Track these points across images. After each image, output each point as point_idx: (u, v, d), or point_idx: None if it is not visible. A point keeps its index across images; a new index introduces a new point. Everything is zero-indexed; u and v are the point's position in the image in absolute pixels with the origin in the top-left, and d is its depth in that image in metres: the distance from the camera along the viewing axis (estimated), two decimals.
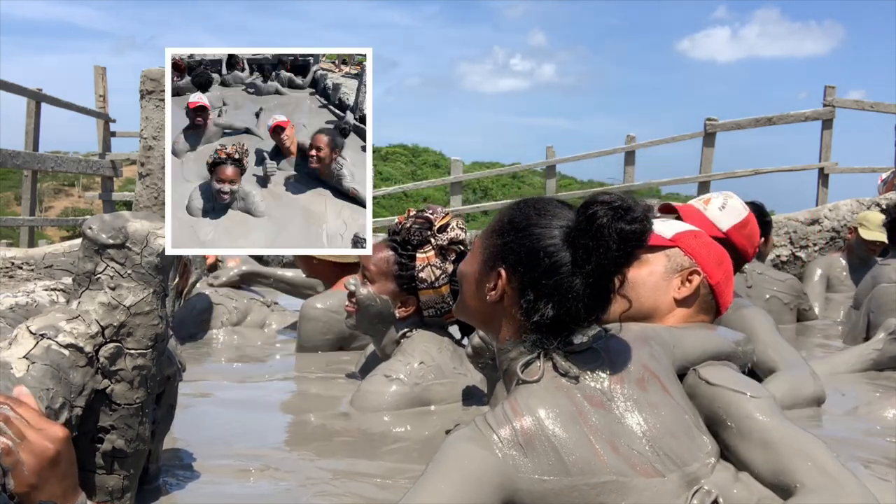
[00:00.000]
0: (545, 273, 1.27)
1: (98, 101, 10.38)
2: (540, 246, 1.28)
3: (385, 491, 1.55)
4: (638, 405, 1.26)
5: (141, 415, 1.32)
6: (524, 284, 1.29)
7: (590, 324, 1.31)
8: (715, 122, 9.87)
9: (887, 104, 9.69)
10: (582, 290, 1.25)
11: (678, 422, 1.27)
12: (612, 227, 1.22)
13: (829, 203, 6.31)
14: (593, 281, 1.26)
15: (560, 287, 1.26)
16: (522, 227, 1.31)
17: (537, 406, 1.22)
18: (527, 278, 1.28)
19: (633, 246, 1.24)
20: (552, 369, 1.27)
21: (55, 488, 1.03)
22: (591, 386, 1.26)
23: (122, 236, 1.27)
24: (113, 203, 9.95)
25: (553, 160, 10.73)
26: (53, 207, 19.20)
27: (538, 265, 1.27)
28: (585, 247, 1.23)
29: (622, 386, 1.27)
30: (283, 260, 5.53)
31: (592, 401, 1.25)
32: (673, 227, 1.72)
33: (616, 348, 1.32)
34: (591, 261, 1.24)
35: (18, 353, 1.17)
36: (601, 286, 1.27)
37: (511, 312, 1.30)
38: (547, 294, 1.27)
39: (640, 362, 1.32)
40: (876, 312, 3.07)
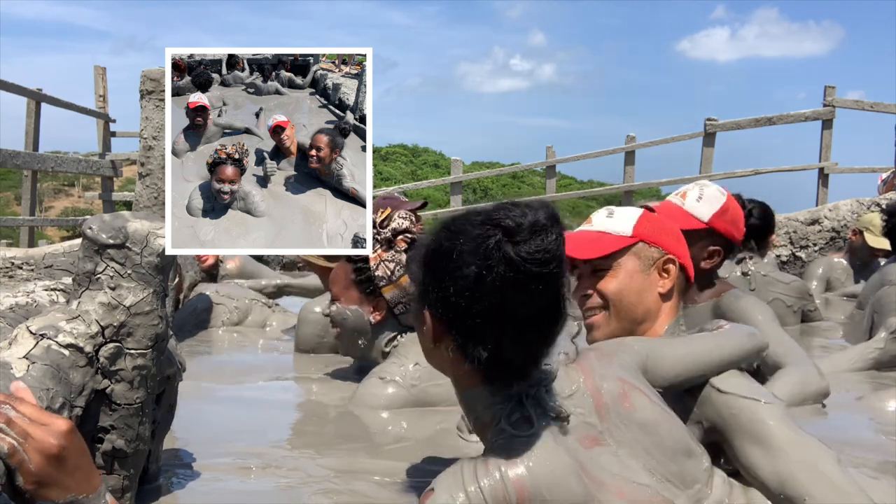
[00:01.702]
0: (460, 311, 1.12)
1: (98, 101, 10.39)
2: (450, 282, 1.12)
3: (385, 489, 1.55)
4: (630, 429, 1.20)
5: (141, 415, 1.32)
6: (449, 326, 1.16)
7: (543, 356, 1.18)
8: (715, 122, 9.87)
9: (887, 104, 9.69)
10: (509, 326, 1.11)
11: (672, 437, 1.23)
12: (498, 252, 1.08)
13: (829, 203, 6.32)
14: (516, 313, 1.11)
15: (481, 326, 1.12)
16: (433, 258, 1.17)
17: (535, 462, 1.10)
18: (447, 320, 1.15)
19: (532, 272, 1.08)
20: (542, 415, 1.15)
21: (68, 481, 1.03)
22: (580, 423, 1.17)
23: (122, 236, 1.27)
24: (113, 203, 9.95)
25: (553, 160, 10.73)
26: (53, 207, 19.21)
27: (451, 303, 1.13)
28: (482, 278, 1.09)
29: (609, 411, 1.20)
30: (283, 260, 5.53)
31: (586, 441, 1.16)
32: (624, 219, 1.66)
33: (589, 369, 1.24)
34: (494, 294, 1.09)
35: (18, 353, 1.17)
36: (531, 316, 1.13)
37: (453, 357, 1.18)
38: (471, 335, 1.13)
39: (616, 377, 1.24)
40: (881, 312, 3.06)
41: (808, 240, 5.85)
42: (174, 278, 1.49)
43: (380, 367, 2.18)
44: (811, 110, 9.84)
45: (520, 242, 1.08)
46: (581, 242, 1.61)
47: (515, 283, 1.08)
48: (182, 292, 3.13)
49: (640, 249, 1.62)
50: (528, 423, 1.14)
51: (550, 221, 1.11)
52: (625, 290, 1.59)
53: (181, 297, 3.10)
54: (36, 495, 1.01)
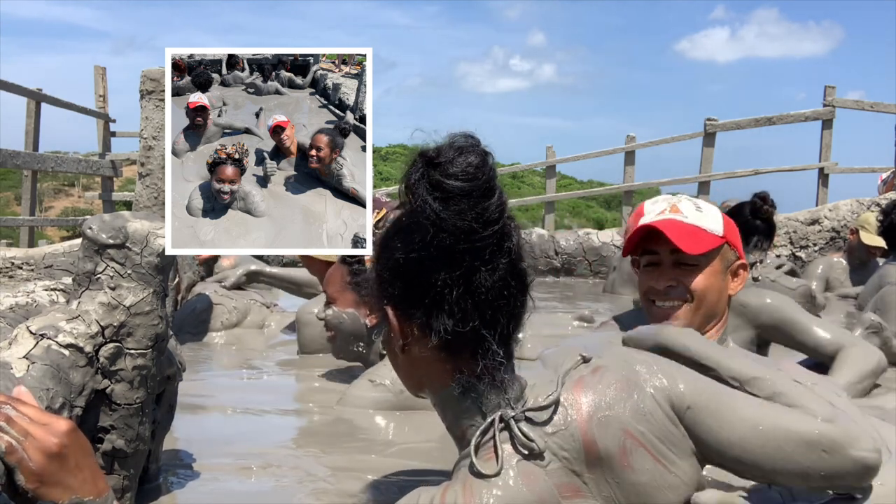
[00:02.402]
0: (414, 279, 1.05)
1: (98, 101, 10.38)
2: (398, 255, 1.07)
3: (383, 489, 1.55)
4: (621, 489, 1.04)
5: (141, 415, 1.32)
6: (410, 309, 1.07)
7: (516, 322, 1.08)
8: (715, 122, 9.86)
9: (887, 104, 9.69)
10: (463, 275, 1.02)
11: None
12: (426, 182, 1.02)
13: (829, 203, 6.32)
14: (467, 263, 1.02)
15: (438, 288, 1.03)
16: (382, 246, 1.11)
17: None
18: (406, 298, 1.07)
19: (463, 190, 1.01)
20: (511, 448, 1.02)
21: (70, 480, 1.02)
22: (561, 468, 1.02)
23: (122, 236, 1.27)
24: (113, 203, 9.95)
25: (553, 160, 10.72)
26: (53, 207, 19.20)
27: (404, 276, 1.06)
28: (420, 223, 1.02)
29: (601, 464, 1.04)
30: (283, 260, 5.53)
31: (566, 490, 1.02)
32: (713, 217, 1.68)
33: (589, 406, 1.05)
34: (436, 237, 1.01)
35: (18, 353, 1.17)
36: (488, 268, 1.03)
37: (422, 354, 1.08)
38: (431, 303, 1.04)
39: (621, 428, 1.04)
40: (883, 311, 3.07)
41: (808, 240, 5.85)
42: (173, 278, 1.49)
43: (371, 370, 2.18)
44: (811, 110, 9.83)
45: (442, 163, 1.02)
46: (682, 234, 1.61)
47: (450, 210, 1.00)
48: (181, 293, 3.13)
49: (725, 251, 1.66)
50: (495, 459, 1.01)
51: (471, 142, 1.05)
52: (710, 289, 1.63)
53: (179, 297, 3.10)
54: (37, 495, 1.01)
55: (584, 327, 3.49)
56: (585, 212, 21.84)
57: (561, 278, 6.03)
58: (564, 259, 6.05)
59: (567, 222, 18.31)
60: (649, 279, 1.67)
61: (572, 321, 3.58)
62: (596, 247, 5.97)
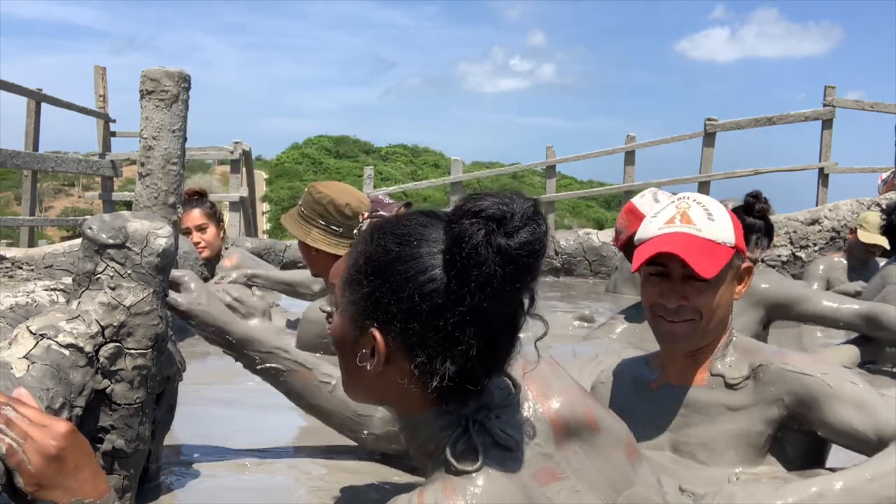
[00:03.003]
0: (428, 321, 0.98)
1: (98, 101, 10.37)
2: (412, 287, 0.98)
3: (381, 488, 1.56)
4: (589, 456, 1.09)
5: (141, 415, 1.32)
6: (408, 343, 1.00)
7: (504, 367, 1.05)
8: (715, 122, 9.87)
9: (887, 104, 9.69)
10: (486, 331, 0.98)
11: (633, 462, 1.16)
12: (489, 246, 0.95)
13: (829, 203, 6.32)
14: (494, 315, 0.98)
15: (454, 335, 0.98)
16: (384, 265, 1.01)
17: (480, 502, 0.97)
18: (408, 334, 0.99)
19: (525, 263, 0.96)
20: (490, 445, 1.02)
21: (70, 482, 1.02)
22: (536, 454, 1.04)
23: (122, 236, 1.27)
24: (113, 203, 9.95)
25: (553, 160, 10.73)
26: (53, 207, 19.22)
27: (416, 314, 0.98)
28: (464, 276, 0.95)
29: (569, 436, 1.08)
30: (283, 260, 5.54)
31: (543, 476, 1.04)
32: (723, 223, 1.57)
33: (543, 386, 1.11)
34: (476, 294, 0.96)
35: (18, 353, 1.17)
36: (507, 317, 1.01)
37: (402, 381, 1.02)
38: (440, 348, 0.98)
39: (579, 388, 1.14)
40: None
41: (808, 240, 5.85)
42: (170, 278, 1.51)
43: None
44: (811, 110, 9.84)
45: (513, 232, 0.95)
46: (698, 254, 1.50)
47: (507, 279, 0.95)
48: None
49: (734, 258, 1.57)
50: (474, 454, 1.00)
51: (536, 211, 0.99)
52: (720, 304, 1.54)
53: None
54: (37, 497, 1.01)
55: (584, 327, 3.49)
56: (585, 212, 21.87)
57: (561, 278, 6.03)
58: (564, 259, 6.05)
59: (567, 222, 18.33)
60: (657, 293, 1.57)
61: (573, 321, 3.58)
62: (596, 247, 5.97)
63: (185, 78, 1.56)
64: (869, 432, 1.38)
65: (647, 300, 1.60)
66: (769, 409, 1.50)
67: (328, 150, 42.76)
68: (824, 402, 1.42)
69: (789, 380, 1.47)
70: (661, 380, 1.64)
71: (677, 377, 1.61)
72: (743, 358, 1.57)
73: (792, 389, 1.47)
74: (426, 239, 1.00)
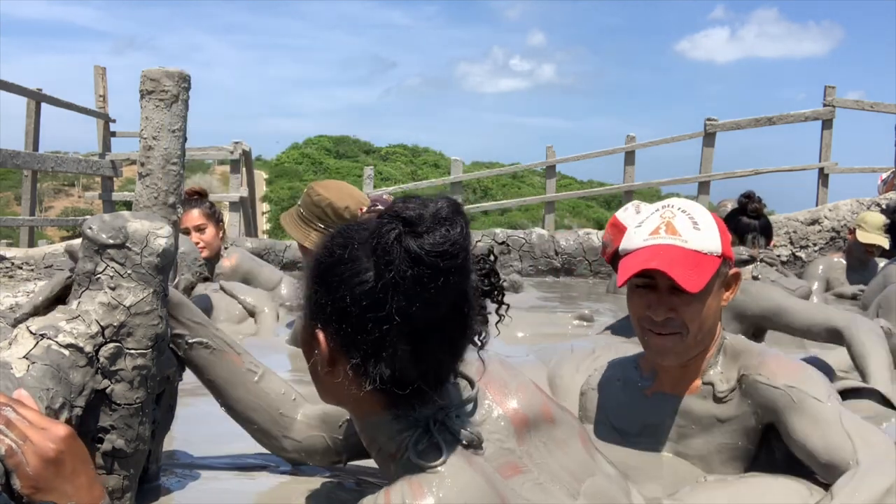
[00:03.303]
0: (358, 326, 1.00)
1: (98, 101, 10.38)
2: (344, 290, 1.00)
3: (381, 487, 1.55)
4: (549, 449, 1.12)
5: (141, 415, 1.32)
6: (345, 344, 1.03)
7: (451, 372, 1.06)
8: (715, 122, 9.87)
9: (887, 104, 9.70)
10: (413, 335, 0.99)
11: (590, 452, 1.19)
12: (400, 247, 0.96)
13: (829, 203, 6.32)
14: (419, 318, 0.98)
15: (380, 337, 0.99)
16: (326, 268, 1.04)
17: (447, 493, 0.97)
18: (343, 335, 1.02)
19: (435, 264, 0.95)
20: (452, 442, 1.03)
21: (67, 487, 1.02)
22: (498, 450, 1.07)
23: (122, 236, 1.27)
24: (113, 203, 9.95)
25: (553, 160, 10.73)
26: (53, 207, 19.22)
27: (348, 315, 1.00)
28: (380, 278, 0.97)
29: (529, 431, 1.11)
30: (283, 260, 5.54)
31: (506, 470, 1.06)
32: (709, 232, 1.55)
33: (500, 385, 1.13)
34: (391, 295, 0.97)
35: (18, 353, 1.17)
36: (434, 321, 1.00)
37: (344, 383, 1.05)
38: (371, 350, 1.00)
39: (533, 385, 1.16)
40: (885, 309, 3.07)
41: (808, 240, 5.85)
42: (174, 279, 1.49)
43: None
44: (811, 110, 9.85)
45: (422, 233, 0.96)
46: (684, 268, 1.48)
47: (418, 281, 0.96)
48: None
49: (721, 266, 1.54)
50: (438, 451, 1.01)
51: (454, 212, 0.99)
52: (706, 315, 1.52)
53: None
54: (33, 500, 1.00)
55: (583, 326, 3.50)
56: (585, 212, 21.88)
57: (561, 278, 6.03)
58: (564, 259, 6.05)
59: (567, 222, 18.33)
60: (644, 305, 1.54)
61: (572, 320, 3.59)
62: (596, 247, 5.97)
63: (185, 78, 1.56)
64: (821, 453, 1.35)
65: (635, 313, 1.58)
66: (749, 420, 1.50)
67: (328, 150, 42.76)
68: (787, 416, 1.42)
69: (760, 391, 1.47)
70: (656, 388, 1.63)
71: (672, 386, 1.60)
72: (732, 364, 1.56)
73: (762, 401, 1.47)
74: (365, 237, 1.01)
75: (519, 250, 6.10)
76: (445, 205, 0.99)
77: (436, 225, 0.97)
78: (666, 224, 1.54)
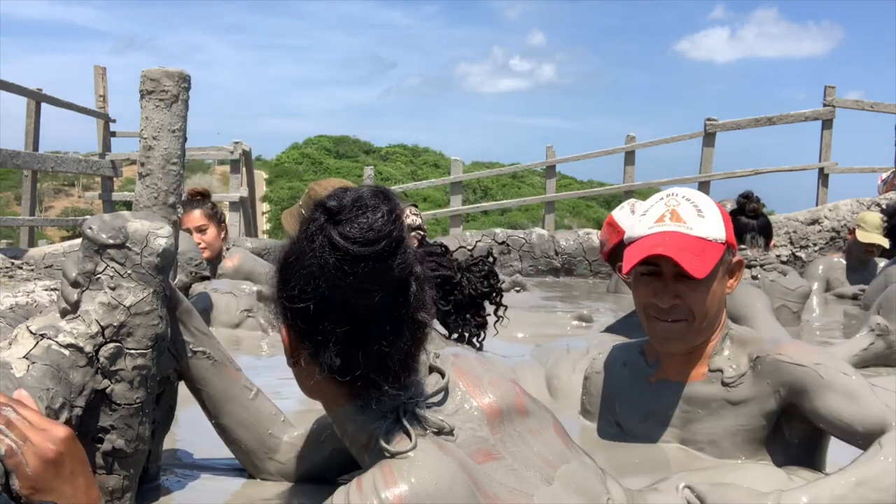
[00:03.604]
0: (304, 317, 1.05)
1: (98, 101, 10.37)
2: (294, 284, 1.05)
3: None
4: (523, 438, 1.13)
5: (141, 415, 1.32)
6: (300, 336, 1.08)
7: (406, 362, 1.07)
8: (715, 122, 9.87)
9: (887, 104, 9.69)
10: (351, 323, 1.02)
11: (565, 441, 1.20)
12: (322, 235, 1.00)
13: (829, 203, 6.33)
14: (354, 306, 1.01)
15: (326, 328, 1.03)
16: (280, 267, 1.09)
17: (419, 476, 0.98)
18: (297, 329, 1.07)
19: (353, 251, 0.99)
20: (422, 429, 1.05)
21: (64, 488, 1.02)
22: (470, 437, 1.08)
23: (122, 236, 1.27)
24: (113, 203, 9.94)
25: (553, 160, 10.72)
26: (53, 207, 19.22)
27: (297, 310, 1.05)
28: (308, 265, 1.01)
29: (502, 421, 1.12)
30: None
31: (479, 456, 1.06)
32: (713, 219, 1.56)
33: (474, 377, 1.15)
34: (319, 282, 1.01)
35: (18, 353, 1.17)
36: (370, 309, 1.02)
37: (308, 373, 1.10)
38: (320, 342, 1.05)
39: (508, 378, 1.17)
40: (886, 309, 3.07)
41: (808, 240, 5.85)
42: (173, 278, 1.50)
43: None
44: (811, 110, 9.84)
45: (341, 222, 1.00)
46: (689, 253, 1.49)
47: (339, 268, 0.99)
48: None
49: (725, 254, 1.56)
50: (408, 438, 1.03)
51: (376, 199, 1.02)
52: (711, 302, 1.54)
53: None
54: (32, 500, 1.00)
55: (582, 326, 3.50)
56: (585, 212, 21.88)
57: (561, 278, 6.03)
58: (564, 259, 6.05)
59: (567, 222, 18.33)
60: (649, 293, 1.55)
61: (571, 320, 3.59)
62: (596, 247, 5.97)
63: (185, 78, 1.56)
64: (856, 424, 1.38)
65: (640, 300, 1.59)
66: (767, 402, 1.50)
67: (328, 150, 42.77)
68: (815, 392, 1.42)
69: (783, 370, 1.47)
70: (660, 375, 1.64)
71: (676, 373, 1.61)
72: (741, 350, 1.57)
73: (786, 380, 1.47)
74: (302, 231, 1.06)
75: (519, 250, 6.10)
76: (368, 192, 1.03)
77: (356, 212, 1.00)
78: (671, 212, 1.56)
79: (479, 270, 2.13)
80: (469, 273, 2.11)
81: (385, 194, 1.04)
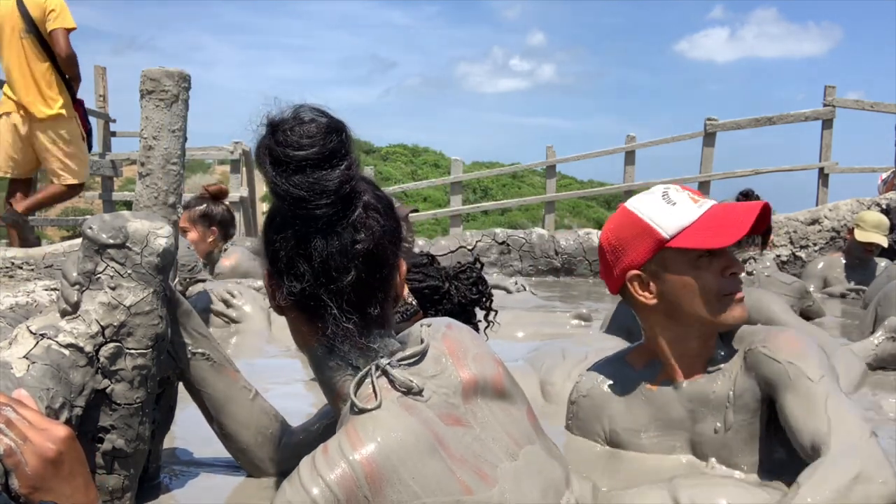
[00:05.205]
0: (266, 241, 1.14)
1: (98, 101, 10.37)
2: (268, 218, 1.15)
3: None
4: (493, 412, 1.14)
5: (141, 414, 1.33)
6: (270, 264, 1.15)
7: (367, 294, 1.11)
8: (715, 122, 9.86)
9: (887, 104, 9.69)
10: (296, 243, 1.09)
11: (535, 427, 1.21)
12: (261, 147, 1.07)
13: (829, 203, 6.32)
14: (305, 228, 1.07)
15: (276, 248, 1.12)
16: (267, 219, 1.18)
17: (384, 435, 1.01)
18: (266, 259, 1.16)
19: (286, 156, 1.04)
20: (390, 387, 1.08)
21: (63, 488, 1.03)
22: (442, 401, 1.09)
23: (122, 236, 1.27)
24: (113, 203, 9.94)
25: (553, 160, 10.72)
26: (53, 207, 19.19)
27: (264, 236, 1.16)
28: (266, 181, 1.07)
29: (476, 393, 1.13)
30: None
31: (447, 418, 1.08)
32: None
33: (462, 351, 1.17)
34: (272, 195, 1.08)
35: (18, 353, 1.17)
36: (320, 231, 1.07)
37: (289, 315, 1.19)
38: (283, 265, 1.12)
39: (492, 356, 1.20)
40: (885, 306, 3.07)
41: (808, 240, 5.85)
42: (173, 278, 1.49)
43: None
44: (811, 110, 9.83)
45: (280, 131, 1.06)
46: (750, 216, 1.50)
47: (279, 174, 1.05)
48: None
49: None
50: (374, 396, 1.06)
51: (316, 113, 1.08)
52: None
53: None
54: (31, 500, 1.01)
55: (581, 326, 3.50)
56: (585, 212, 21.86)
57: (561, 278, 6.03)
58: (564, 259, 6.05)
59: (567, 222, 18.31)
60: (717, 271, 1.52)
61: (570, 320, 3.58)
62: (596, 247, 5.97)
63: (185, 78, 1.56)
64: (804, 434, 1.34)
65: (709, 286, 1.52)
66: (755, 395, 1.49)
67: None
68: (782, 391, 1.42)
69: (762, 364, 1.47)
70: (660, 379, 1.63)
71: (678, 374, 1.60)
72: (737, 344, 1.57)
73: (763, 373, 1.47)
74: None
75: (519, 250, 6.10)
76: (309, 107, 1.08)
77: (293, 123, 1.06)
78: (689, 195, 1.57)
79: (466, 278, 2.12)
80: (457, 281, 2.10)
81: (327, 115, 1.08)
